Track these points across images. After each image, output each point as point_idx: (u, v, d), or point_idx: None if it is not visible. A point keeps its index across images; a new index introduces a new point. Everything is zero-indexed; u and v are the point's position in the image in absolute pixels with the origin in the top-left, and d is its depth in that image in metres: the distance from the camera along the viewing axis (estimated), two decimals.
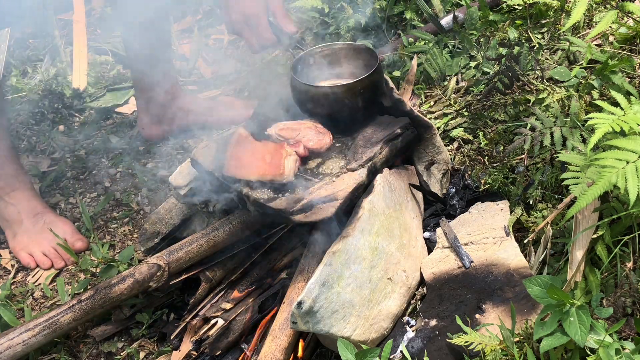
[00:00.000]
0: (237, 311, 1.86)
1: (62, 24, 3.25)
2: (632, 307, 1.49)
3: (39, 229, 2.27)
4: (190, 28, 3.21)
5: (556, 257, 1.67)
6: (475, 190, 1.93)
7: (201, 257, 1.92)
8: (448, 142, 2.05)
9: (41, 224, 2.27)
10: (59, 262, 2.23)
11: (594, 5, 2.11)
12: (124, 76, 2.99)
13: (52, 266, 2.23)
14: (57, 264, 2.23)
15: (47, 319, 1.85)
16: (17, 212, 2.27)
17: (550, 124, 1.79)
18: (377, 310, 1.65)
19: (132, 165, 2.57)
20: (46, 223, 2.28)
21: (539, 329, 1.38)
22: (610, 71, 1.81)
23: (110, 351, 2.00)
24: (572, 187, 1.50)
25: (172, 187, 2.01)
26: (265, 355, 1.65)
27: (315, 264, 1.71)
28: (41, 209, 2.30)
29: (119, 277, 1.88)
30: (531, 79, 1.99)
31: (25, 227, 2.27)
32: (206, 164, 1.85)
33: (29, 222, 2.27)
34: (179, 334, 1.91)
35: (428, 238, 1.88)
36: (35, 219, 2.27)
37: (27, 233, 2.27)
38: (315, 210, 1.68)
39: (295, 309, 1.56)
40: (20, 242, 2.28)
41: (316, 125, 1.85)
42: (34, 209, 2.28)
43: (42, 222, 2.28)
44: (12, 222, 2.29)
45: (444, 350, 1.56)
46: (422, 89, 2.22)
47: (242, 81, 2.80)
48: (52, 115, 2.85)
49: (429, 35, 2.27)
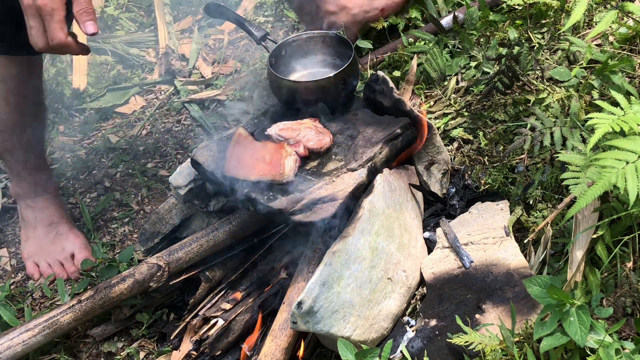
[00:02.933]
0: (237, 311, 1.86)
1: None
2: (632, 307, 1.49)
3: (50, 239, 2.28)
4: (190, 28, 3.21)
5: (556, 257, 1.67)
6: (475, 190, 1.93)
7: (201, 257, 1.92)
8: (448, 142, 2.05)
9: (54, 234, 2.28)
10: (62, 275, 2.23)
11: (594, 5, 2.11)
12: (124, 76, 3.00)
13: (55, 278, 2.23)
14: (59, 276, 2.23)
15: (47, 319, 1.85)
16: (34, 217, 2.29)
17: (550, 124, 1.79)
18: (377, 310, 1.65)
19: (132, 165, 2.57)
20: (59, 234, 2.28)
21: (539, 329, 1.38)
22: (610, 71, 1.81)
23: (110, 351, 2.00)
24: (572, 187, 1.50)
25: (172, 187, 2.01)
26: (265, 355, 1.65)
27: (315, 264, 1.71)
28: (57, 219, 2.30)
29: (119, 277, 1.89)
30: (531, 79, 1.99)
31: (37, 234, 2.28)
32: (206, 164, 1.85)
33: (42, 229, 2.28)
34: (179, 334, 1.91)
35: (428, 238, 1.88)
36: (49, 227, 2.28)
37: (38, 240, 2.27)
38: (315, 210, 1.68)
39: (295, 309, 1.56)
40: (30, 249, 2.28)
41: (316, 125, 1.86)
42: (51, 217, 2.29)
43: (55, 232, 2.28)
44: (28, 225, 2.30)
45: (444, 350, 1.56)
46: (422, 88, 2.22)
47: (242, 81, 2.80)
48: (52, 115, 2.85)
49: (429, 35, 2.27)
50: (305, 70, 2.09)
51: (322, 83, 1.90)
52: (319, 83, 1.90)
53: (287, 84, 1.94)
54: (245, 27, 2.10)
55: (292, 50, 2.07)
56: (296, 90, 1.93)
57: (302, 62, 2.09)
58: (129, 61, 3.09)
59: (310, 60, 2.09)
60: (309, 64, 2.09)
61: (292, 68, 2.08)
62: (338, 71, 1.90)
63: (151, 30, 3.22)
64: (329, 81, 1.89)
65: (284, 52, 2.05)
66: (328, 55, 2.08)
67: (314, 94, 1.90)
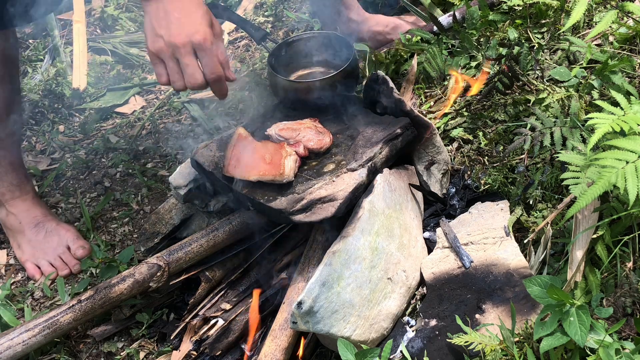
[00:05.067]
0: (237, 311, 1.86)
1: (62, 24, 3.25)
2: (632, 307, 1.49)
3: (41, 238, 2.25)
4: None
5: (556, 257, 1.67)
6: (475, 190, 1.93)
7: (201, 257, 1.92)
8: (448, 142, 2.05)
9: (43, 233, 2.26)
10: (64, 270, 2.22)
11: (594, 5, 2.11)
12: (124, 76, 3.00)
13: (57, 275, 2.22)
14: (62, 272, 2.22)
15: (47, 319, 1.85)
16: (18, 222, 2.26)
17: (550, 124, 1.79)
18: (377, 310, 1.65)
19: (132, 165, 2.57)
20: (48, 231, 2.26)
21: (539, 329, 1.38)
22: (610, 71, 1.81)
23: (110, 351, 2.00)
24: (572, 187, 1.50)
25: (172, 187, 2.01)
26: (265, 355, 1.65)
27: (315, 264, 1.71)
28: (42, 218, 2.28)
29: (119, 277, 1.88)
30: (531, 79, 1.99)
31: (28, 238, 2.26)
32: (206, 164, 1.85)
33: (31, 232, 2.26)
34: (179, 334, 1.91)
35: (428, 238, 1.88)
36: (37, 228, 2.26)
37: (31, 243, 2.26)
38: (315, 210, 1.68)
39: (295, 309, 1.56)
40: (26, 253, 2.27)
41: (316, 125, 1.86)
42: (35, 218, 2.27)
43: (44, 231, 2.26)
44: (15, 232, 2.28)
45: (444, 350, 1.56)
46: (422, 88, 2.22)
47: (242, 81, 2.80)
48: (52, 115, 2.85)
49: (428, 35, 2.27)
50: (305, 70, 2.09)
51: (322, 83, 1.90)
52: (319, 83, 1.90)
53: (287, 84, 1.94)
54: (245, 27, 2.10)
55: (292, 50, 2.07)
56: (296, 90, 1.93)
57: (302, 62, 2.09)
58: (129, 61, 3.09)
59: (310, 60, 2.09)
60: (309, 64, 2.09)
61: (292, 68, 2.08)
62: (338, 71, 1.90)
63: None
64: (329, 81, 1.89)
65: (284, 52, 2.05)
66: (328, 55, 2.08)
67: (314, 94, 1.90)
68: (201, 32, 1.54)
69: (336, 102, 1.93)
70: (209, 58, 1.56)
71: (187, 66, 1.55)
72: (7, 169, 2.23)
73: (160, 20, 1.55)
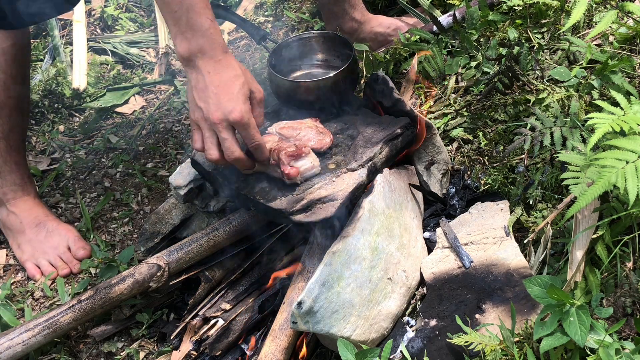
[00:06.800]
0: (237, 311, 1.86)
1: (62, 24, 3.25)
2: (632, 307, 1.49)
3: (42, 238, 2.26)
4: None
5: (556, 257, 1.67)
6: (475, 190, 1.93)
7: (201, 257, 1.92)
8: (448, 142, 2.05)
9: (44, 233, 2.26)
10: (65, 270, 2.22)
11: (594, 5, 2.11)
12: (124, 76, 3.00)
13: (57, 275, 2.22)
14: (62, 272, 2.22)
15: (47, 319, 1.85)
16: (19, 222, 2.26)
17: (550, 124, 1.79)
18: (377, 310, 1.65)
19: (132, 165, 2.57)
20: (49, 231, 2.26)
21: (539, 329, 1.38)
22: (610, 71, 1.81)
23: (110, 351, 2.00)
24: (572, 187, 1.50)
25: (172, 187, 2.01)
26: (265, 355, 1.65)
27: (315, 264, 1.71)
28: (43, 218, 2.28)
29: (119, 277, 1.88)
30: (531, 79, 1.99)
31: (28, 237, 2.26)
32: (206, 164, 1.85)
33: (32, 232, 2.26)
34: (179, 334, 1.91)
35: (428, 238, 1.88)
36: (37, 228, 2.26)
37: (31, 243, 2.26)
38: (315, 210, 1.68)
39: (295, 309, 1.56)
40: (26, 253, 2.27)
41: (317, 125, 1.86)
42: (36, 218, 2.27)
43: (44, 231, 2.26)
44: (15, 232, 2.28)
45: (444, 350, 1.56)
46: (421, 88, 2.21)
47: None
48: (52, 115, 2.85)
49: (428, 34, 2.27)
50: (305, 70, 2.09)
51: (322, 83, 1.90)
52: (319, 83, 1.90)
53: (287, 84, 1.94)
54: (245, 27, 2.10)
55: (292, 50, 2.07)
56: (296, 90, 1.93)
57: (302, 62, 2.09)
58: (129, 61, 3.09)
59: (310, 60, 2.09)
60: (309, 64, 2.09)
61: (292, 68, 2.08)
62: (338, 71, 1.90)
63: (151, 30, 3.22)
64: (329, 81, 1.89)
65: (284, 52, 2.05)
66: (328, 55, 2.08)
67: (314, 94, 1.90)
68: (237, 110, 1.59)
69: (336, 102, 1.93)
70: (246, 132, 1.63)
71: (224, 140, 1.61)
72: (12, 168, 2.24)
73: (200, 92, 1.59)
